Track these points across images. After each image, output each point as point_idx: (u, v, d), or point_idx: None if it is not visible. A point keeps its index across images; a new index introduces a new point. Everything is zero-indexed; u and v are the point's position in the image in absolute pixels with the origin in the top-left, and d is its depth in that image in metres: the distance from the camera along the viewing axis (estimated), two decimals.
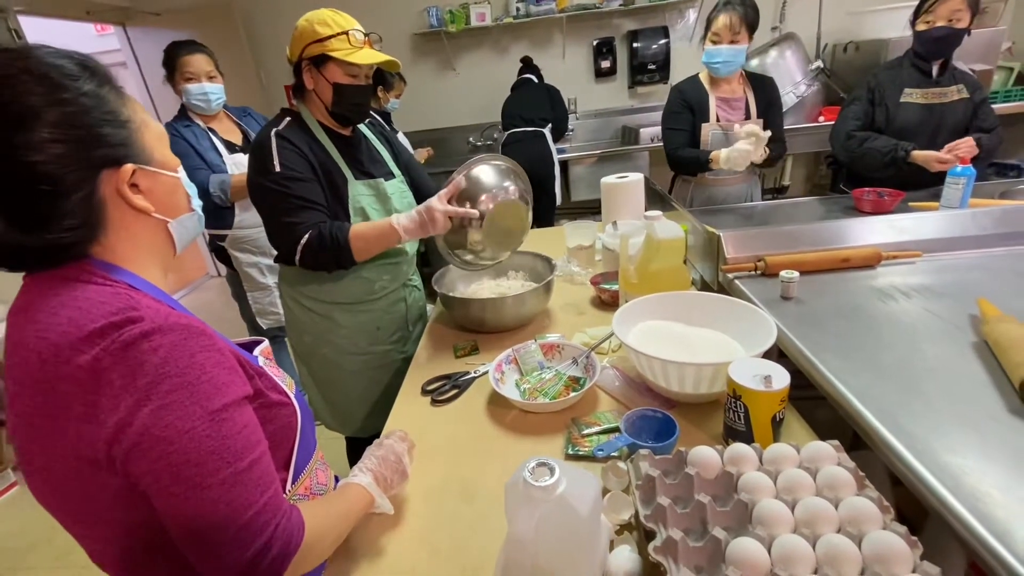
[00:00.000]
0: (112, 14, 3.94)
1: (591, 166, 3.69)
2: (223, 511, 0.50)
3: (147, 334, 0.49)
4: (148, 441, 0.48)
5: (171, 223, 0.62)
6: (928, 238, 1.28)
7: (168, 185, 0.61)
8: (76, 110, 0.51)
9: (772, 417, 0.75)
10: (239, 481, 0.51)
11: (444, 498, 0.82)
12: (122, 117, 0.56)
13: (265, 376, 0.63)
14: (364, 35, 1.17)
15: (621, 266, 1.22)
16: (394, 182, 1.36)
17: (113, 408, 0.47)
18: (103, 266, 0.55)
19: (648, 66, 3.92)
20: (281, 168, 1.14)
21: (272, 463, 0.57)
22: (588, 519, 0.53)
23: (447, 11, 3.79)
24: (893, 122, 1.82)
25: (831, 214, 1.77)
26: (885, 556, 0.51)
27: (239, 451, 0.52)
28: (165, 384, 0.48)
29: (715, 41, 1.78)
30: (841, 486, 0.61)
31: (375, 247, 1.21)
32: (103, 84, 0.55)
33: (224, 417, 0.51)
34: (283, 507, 0.55)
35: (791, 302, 1.13)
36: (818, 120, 3.39)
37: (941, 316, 0.99)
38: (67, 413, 0.48)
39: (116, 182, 0.55)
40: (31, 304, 0.52)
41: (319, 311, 1.32)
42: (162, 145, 0.62)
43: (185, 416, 0.49)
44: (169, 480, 0.49)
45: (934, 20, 1.69)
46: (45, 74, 0.50)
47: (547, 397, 0.99)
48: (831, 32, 3.61)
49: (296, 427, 0.66)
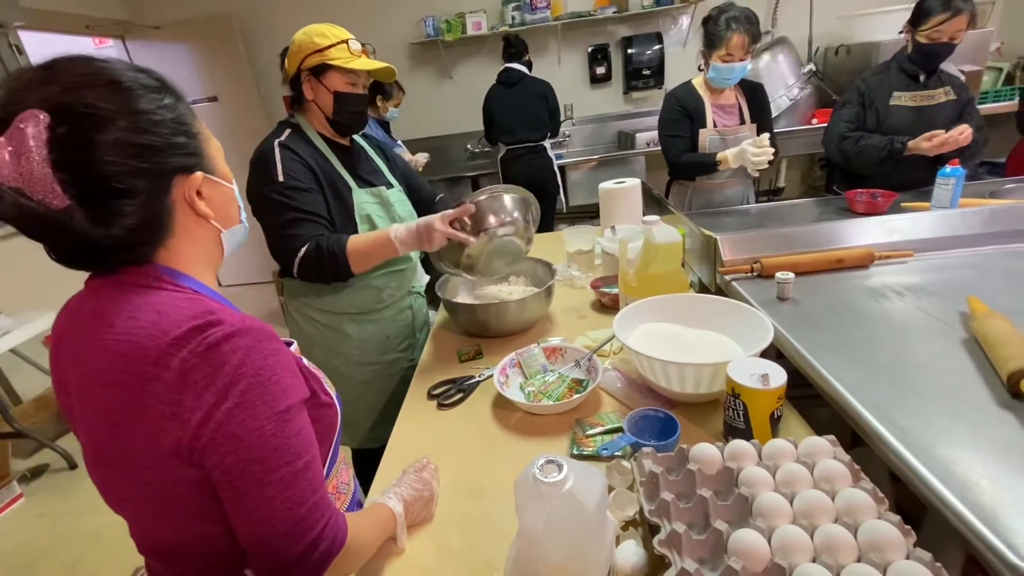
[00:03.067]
0: (111, 28, 3.97)
1: (588, 171, 3.73)
2: (279, 506, 0.53)
3: (228, 336, 0.52)
4: (222, 437, 0.51)
5: (224, 232, 0.65)
6: (920, 238, 1.31)
7: (226, 195, 0.65)
8: (156, 119, 0.55)
9: (770, 414, 0.78)
10: (296, 479, 0.54)
11: (453, 498, 0.84)
12: (195, 128, 0.60)
13: (316, 377, 0.67)
14: (361, 45, 1.21)
15: (620, 270, 1.25)
16: (393, 191, 1.38)
17: (196, 407, 0.50)
18: (168, 272, 0.58)
19: (643, 71, 3.97)
20: (285, 178, 1.16)
21: (321, 464, 0.60)
22: (595, 513, 0.55)
23: (443, 20, 3.83)
24: (884, 124, 1.86)
25: (825, 216, 1.80)
26: (880, 544, 0.53)
27: (298, 451, 0.55)
28: (241, 383, 0.51)
29: (727, 60, 1.80)
30: (837, 479, 0.63)
31: (373, 259, 1.22)
32: (179, 99, 0.59)
33: (288, 418, 0.54)
34: (331, 507, 0.58)
35: (787, 302, 1.15)
36: (811, 122, 3.44)
37: (932, 314, 1.02)
38: (153, 411, 0.51)
39: (186, 188, 0.58)
40: (104, 309, 0.54)
41: (328, 323, 1.33)
42: (221, 158, 0.65)
43: (255, 415, 0.52)
44: (236, 474, 0.52)
45: (939, 37, 1.72)
46: (130, 84, 0.54)
47: (551, 399, 1.01)
48: (822, 36, 3.66)
49: (336, 427, 0.70)
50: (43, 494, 2.41)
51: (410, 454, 0.92)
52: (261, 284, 4.67)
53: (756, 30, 1.79)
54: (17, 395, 2.77)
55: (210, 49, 4.04)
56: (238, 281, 4.81)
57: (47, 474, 2.53)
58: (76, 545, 2.04)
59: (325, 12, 3.94)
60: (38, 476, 2.52)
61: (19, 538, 2.16)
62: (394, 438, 1.02)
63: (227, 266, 5.15)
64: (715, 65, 1.83)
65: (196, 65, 4.10)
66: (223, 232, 0.65)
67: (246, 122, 4.12)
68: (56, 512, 2.26)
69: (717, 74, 1.85)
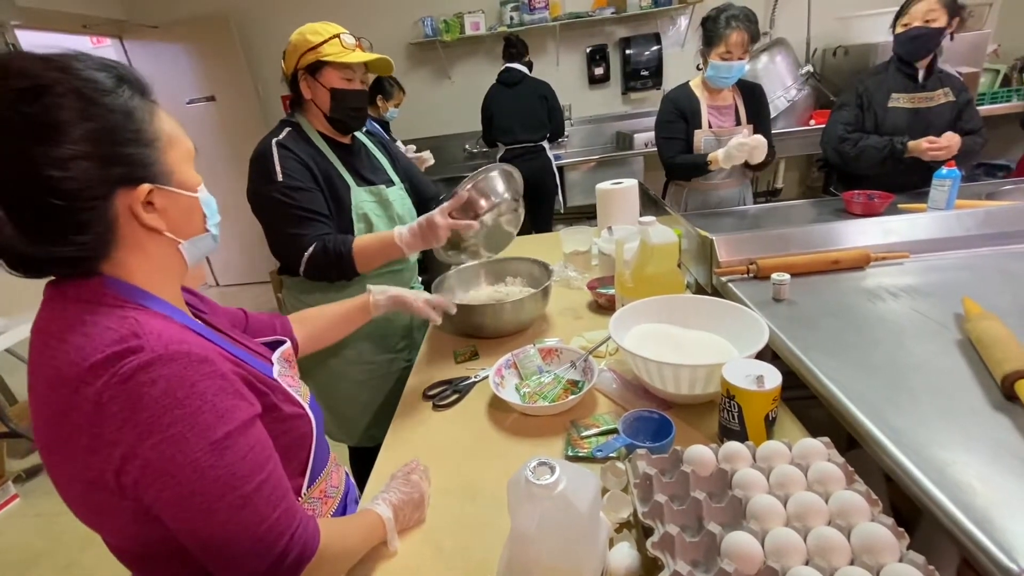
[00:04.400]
0: (108, 27, 3.96)
1: (586, 172, 3.73)
2: (235, 530, 0.51)
3: (145, 366, 0.48)
4: (152, 473, 0.49)
5: (182, 244, 0.61)
6: (916, 239, 1.31)
7: (185, 205, 0.60)
8: (102, 127, 0.51)
9: (765, 416, 0.78)
10: (248, 503, 0.52)
11: (447, 499, 0.84)
12: (149, 135, 0.55)
13: (279, 389, 0.64)
14: (355, 39, 1.20)
15: (617, 271, 1.25)
16: (394, 189, 1.38)
17: (116, 442, 0.48)
18: (115, 284, 0.54)
19: (641, 72, 3.97)
20: (283, 177, 1.15)
21: (284, 476, 0.58)
22: (588, 516, 0.55)
23: (441, 20, 3.83)
24: (882, 126, 1.86)
25: (822, 217, 1.80)
26: (873, 546, 0.53)
27: (245, 476, 0.52)
28: (166, 417, 0.48)
29: (726, 58, 1.81)
30: (831, 481, 0.63)
31: (378, 259, 1.22)
32: (135, 97, 0.55)
33: (227, 445, 0.51)
34: (298, 516, 0.56)
35: (783, 304, 1.15)
36: (809, 123, 3.44)
37: (927, 315, 1.02)
38: (75, 442, 0.49)
39: (131, 201, 0.54)
40: (47, 327, 0.53)
41: None
42: (186, 164, 0.61)
43: (186, 449, 0.49)
44: (177, 508, 0.50)
45: (910, 21, 1.74)
46: (79, 89, 0.50)
47: (546, 400, 1.01)
48: (820, 37, 3.67)
49: (312, 435, 0.67)
50: (38, 495, 2.40)
51: (405, 455, 0.92)
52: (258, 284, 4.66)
53: (755, 29, 1.79)
54: (13, 395, 2.76)
55: (208, 49, 4.04)
56: (236, 281, 4.81)
57: (42, 475, 2.52)
58: (71, 547, 2.04)
59: (322, 12, 3.92)
60: (33, 476, 2.52)
61: (14, 539, 2.15)
62: (389, 438, 1.02)
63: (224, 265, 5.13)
64: (713, 63, 1.83)
65: (194, 65, 4.09)
66: (182, 243, 0.60)
67: (243, 122, 4.12)
68: (51, 513, 2.25)
69: (715, 72, 1.85)
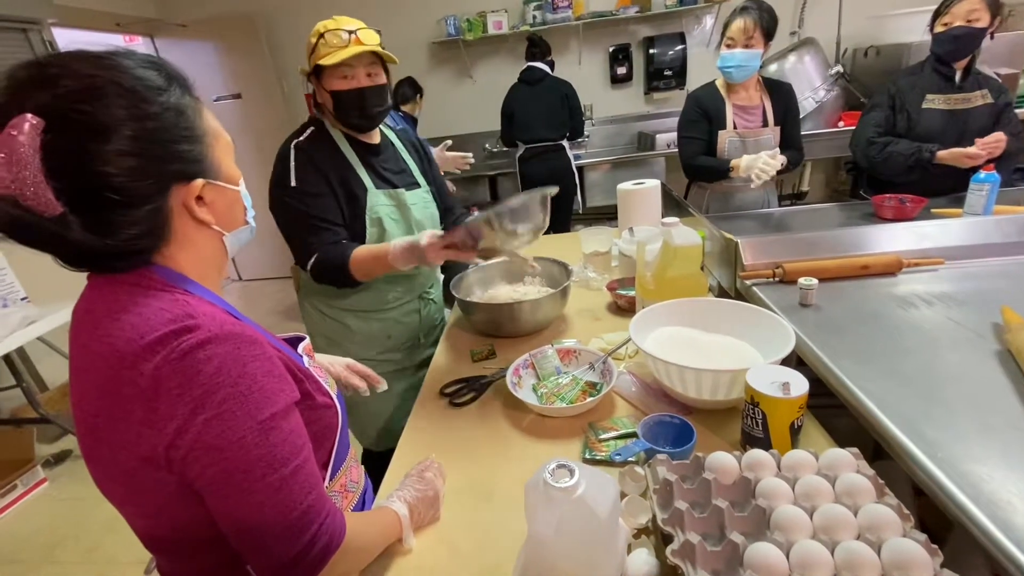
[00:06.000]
0: (140, 26, 4.07)
1: (606, 172, 3.70)
2: (270, 512, 0.53)
3: (203, 343, 0.50)
4: (202, 448, 0.50)
5: (227, 236, 0.63)
6: (951, 245, 1.27)
7: (230, 199, 0.62)
8: (157, 126, 0.53)
9: (790, 424, 0.76)
10: (285, 485, 0.53)
11: (463, 498, 0.83)
12: (199, 131, 0.57)
13: (311, 378, 0.65)
14: (349, 33, 1.11)
15: (638, 272, 1.23)
16: (418, 192, 1.35)
17: (171, 416, 0.49)
18: (163, 272, 0.56)
19: (665, 72, 3.93)
20: (297, 183, 1.16)
21: (315, 465, 0.59)
22: (607, 521, 0.54)
23: (464, 20, 3.84)
24: (915, 128, 1.80)
25: (850, 221, 1.75)
26: (905, 563, 0.51)
27: (285, 458, 0.54)
28: (219, 394, 0.50)
29: (729, 45, 1.79)
30: (860, 493, 0.61)
31: (375, 270, 1.20)
32: (185, 95, 0.57)
33: (272, 426, 0.53)
34: (327, 506, 0.57)
35: (810, 309, 1.12)
36: (838, 125, 3.36)
37: (963, 324, 0.98)
38: (130, 417, 0.50)
39: (185, 196, 0.56)
40: (95, 308, 0.54)
41: (333, 316, 1.35)
42: (229, 157, 0.63)
43: (236, 426, 0.51)
44: (220, 484, 0.51)
45: (952, 20, 1.67)
46: (132, 88, 0.51)
47: (564, 402, 1.00)
48: (851, 36, 3.58)
49: (337, 427, 0.69)
50: (65, 479, 2.47)
51: (421, 451, 0.92)
52: (279, 279, 4.73)
53: (767, 21, 1.75)
54: (44, 382, 2.84)
55: (234, 47, 4.12)
56: (257, 275, 4.89)
57: (70, 460, 2.59)
58: (95, 531, 2.09)
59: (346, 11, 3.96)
60: (61, 461, 2.58)
61: (41, 522, 2.21)
62: (406, 435, 1.02)
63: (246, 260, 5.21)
64: (720, 55, 1.81)
65: (221, 62, 4.18)
66: (226, 236, 0.63)
67: (268, 119, 4.20)
68: (77, 497, 2.31)
69: (721, 63, 1.82)
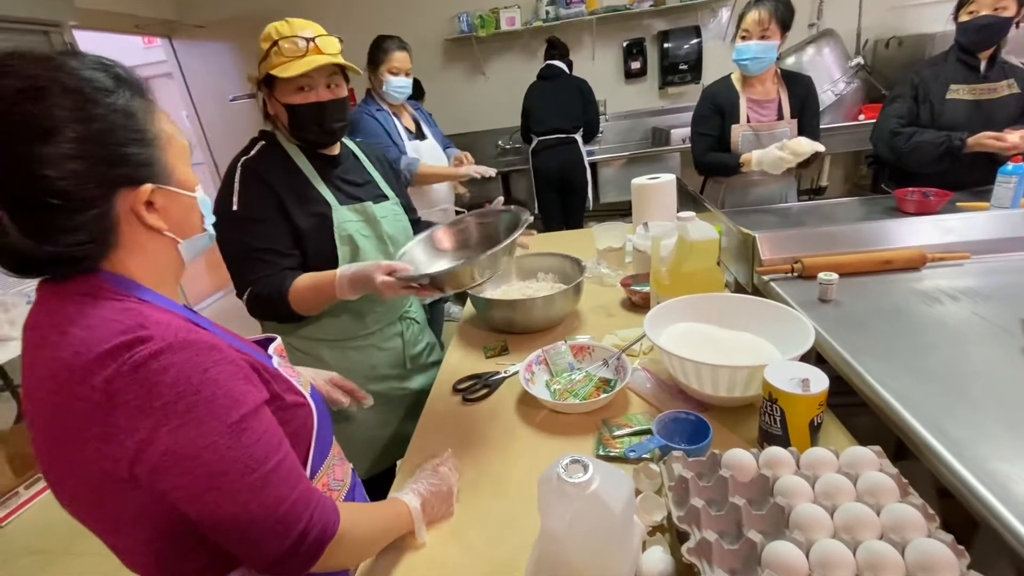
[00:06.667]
0: (159, 27, 4.13)
1: (620, 168, 3.67)
2: (257, 510, 0.51)
3: (157, 354, 0.48)
4: (172, 459, 0.48)
5: (181, 243, 0.61)
6: (977, 239, 1.23)
7: (185, 205, 0.60)
8: (104, 127, 0.51)
9: (810, 421, 0.74)
10: (268, 482, 0.52)
11: (476, 494, 0.83)
12: (149, 135, 0.55)
13: (280, 378, 0.63)
14: (307, 40, 1.00)
15: (653, 268, 1.21)
16: (387, 204, 1.21)
17: (132, 429, 0.47)
18: (113, 279, 0.54)
19: (679, 66, 3.88)
20: (239, 207, 1.03)
21: (296, 459, 0.58)
22: (621, 517, 0.53)
23: (477, 16, 3.83)
24: (939, 119, 1.75)
25: (872, 215, 1.72)
26: (930, 564, 0.50)
27: (263, 456, 0.52)
28: (182, 403, 0.48)
29: (744, 37, 1.76)
30: (883, 492, 0.59)
31: (319, 303, 1.05)
32: (135, 97, 0.54)
33: (243, 427, 0.52)
34: (316, 496, 0.56)
35: (829, 304, 1.10)
36: (858, 119, 3.29)
37: (990, 319, 0.96)
38: (86, 433, 0.48)
39: (132, 201, 0.54)
40: (41, 322, 0.52)
41: (304, 350, 1.18)
42: (184, 162, 0.60)
43: (205, 432, 0.49)
44: (200, 491, 0.50)
45: (978, 9, 1.63)
46: (77, 88, 0.50)
47: (577, 398, 0.99)
48: (872, 27, 3.49)
49: (312, 427, 0.66)
50: None
51: (434, 446, 0.92)
52: None
53: (783, 12, 1.72)
54: None
55: (251, 48, 4.11)
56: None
57: None
58: None
59: (360, 10, 3.99)
60: None
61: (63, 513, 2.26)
62: (419, 430, 1.02)
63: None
64: (735, 47, 1.78)
65: (237, 63, 4.23)
66: (180, 243, 0.60)
67: None
68: None
69: (736, 56, 1.79)
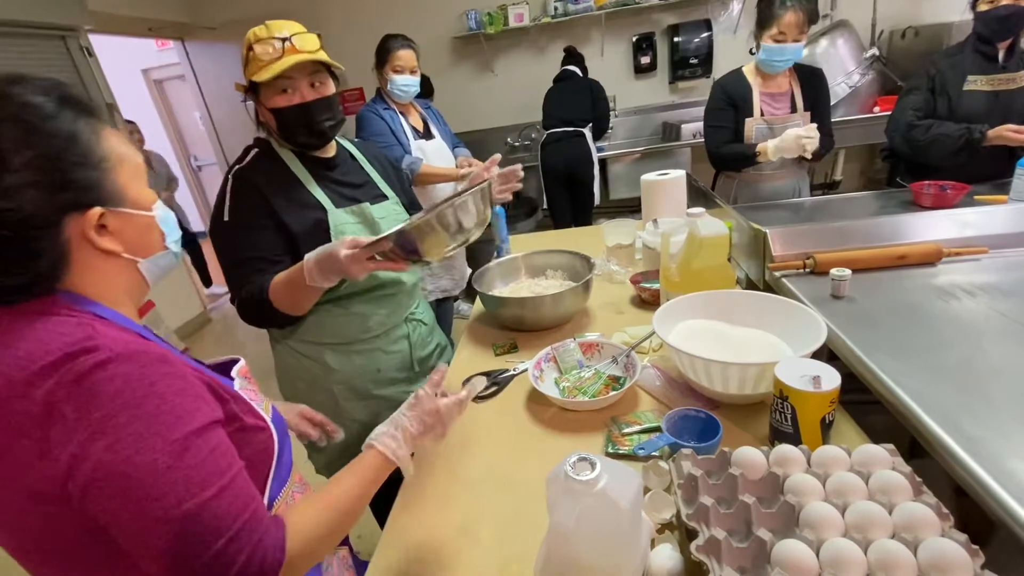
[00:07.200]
0: (172, 30, 4.18)
1: (630, 164, 3.65)
2: (191, 543, 0.47)
3: (102, 364, 0.46)
4: (105, 476, 0.45)
5: (141, 263, 0.59)
6: (995, 233, 1.20)
7: (141, 225, 0.58)
8: (46, 152, 0.49)
9: (821, 419, 0.73)
10: (206, 510, 0.47)
11: (485, 490, 0.84)
12: (95, 157, 0.53)
13: (240, 400, 0.61)
14: (282, 41, 0.99)
15: (662, 264, 1.20)
16: (386, 204, 1.19)
17: (65, 442, 0.45)
18: (70, 297, 0.52)
19: (690, 60, 3.85)
20: (230, 217, 1.03)
21: (249, 484, 0.54)
22: (629, 514, 0.53)
23: (485, 13, 3.82)
24: (956, 111, 1.72)
25: (887, 209, 1.68)
26: (943, 564, 0.49)
27: (203, 480, 0.48)
28: (122, 416, 0.46)
29: (780, 40, 1.70)
30: (896, 491, 0.58)
31: (299, 298, 1.00)
32: (79, 118, 0.53)
33: (187, 446, 0.48)
34: (259, 529, 0.51)
35: (842, 301, 1.08)
36: (873, 111, 3.24)
37: (1008, 315, 0.94)
38: (18, 448, 0.46)
39: (83, 226, 0.52)
40: None
41: (308, 354, 1.17)
42: (138, 182, 0.58)
43: (144, 448, 0.46)
44: (131, 516, 0.46)
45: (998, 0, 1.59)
46: (16, 115, 0.49)
47: (587, 395, 0.99)
48: (888, 17, 3.43)
49: (273, 451, 0.63)
50: None
51: (441, 446, 0.92)
52: None
53: (813, 9, 1.69)
54: None
55: None
56: None
57: None
58: None
59: (370, 10, 4.00)
60: None
61: None
62: None
63: None
64: (766, 46, 1.73)
65: None
66: (141, 263, 0.58)
67: None
68: None
69: (768, 56, 1.75)
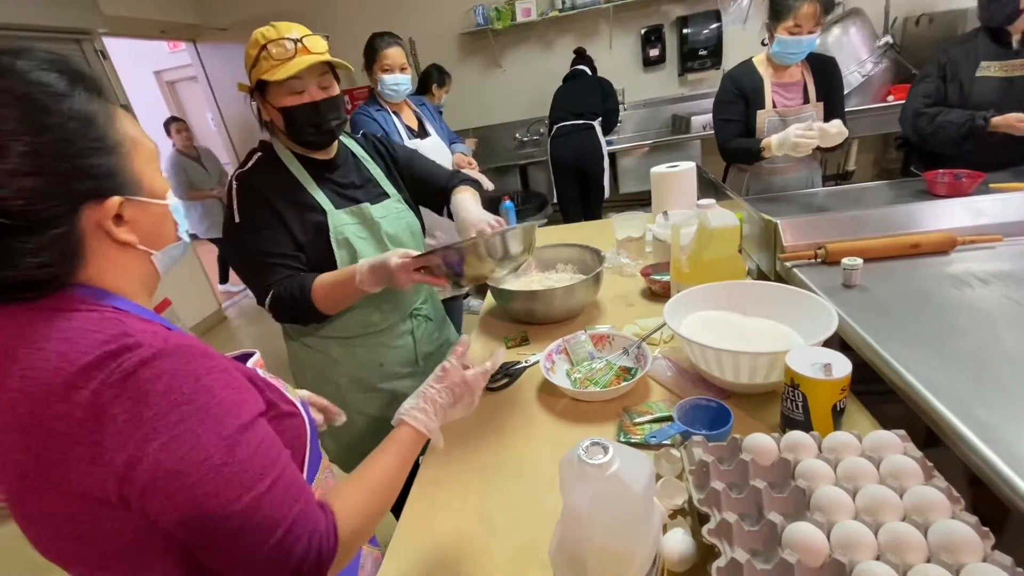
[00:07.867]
0: (183, 31, 4.24)
1: (640, 157, 3.64)
2: (250, 536, 0.47)
3: (147, 361, 0.45)
4: (163, 477, 0.45)
5: (155, 255, 0.57)
6: (1011, 221, 1.19)
7: (156, 214, 0.56)
8: (60, 138, 0.47)
9: (832, 406, 0.74)
10: (263, 503, 0.48)
11: (499, 478, 0.85)
12: (111, 141, 0.50)
13: (273, 387, 0.61)
14: (294, 41, 0.99)
15: (673, 256, 1.21)
16: (387, 203, 1.20)
17: (120, 446, 0.44)
18: (86, 292, 0.50)
19: (699, 52, 3.82)
20: (241, 219, 1.05)
21: (297, 471, 0.54)
22: (642, 498, 0.54)
23: (493, 9, 3.83)
24: (968, 99, 1.69)
25: (899, 199, 1.67)
26: (953, 545, 0.50)
27: (259, 473, 0.48)
28: (173, 414, 0.45)
29: (795, 32, 1.68)
30: (907, 475, 0.59)
31: (344, 299, 1.06)
32: (93, 99, 0.50)
33: (239, 440, 0.48)
34: (313, 517, 0.52)
35: (854, 290, 1.08)
36: (886, 100, 3.19)
37: (1022, 303, 0.93)
38: (67, 455, 0.44)
39: (99, 216, 0.50)
40: (7, 342, 0.47)
41: (315, 347, 1.22)
42: (152, 168, 0.56)
43: (198, 446, 0.45)
44: (191, 514, 0.46)
45: None
46: (26, 95, 0.45)
47: (598, 386, 1.00)
48: (901, 4, 3.38)
49: (306, 437, 0.64)
50: None
51: (454, 435, 0.94)
52: None
53: (826, 1, 1.67)
54: None
55: None
56: None
57: None
58: None
59: (381, 9, 4.02)
60: None
61: None
62: None
63: None
64: (781, 38, 1.71)
65: None
66: (155, 255, 0.57)
67: None
68: None
69: (782, 48, 1.73)
